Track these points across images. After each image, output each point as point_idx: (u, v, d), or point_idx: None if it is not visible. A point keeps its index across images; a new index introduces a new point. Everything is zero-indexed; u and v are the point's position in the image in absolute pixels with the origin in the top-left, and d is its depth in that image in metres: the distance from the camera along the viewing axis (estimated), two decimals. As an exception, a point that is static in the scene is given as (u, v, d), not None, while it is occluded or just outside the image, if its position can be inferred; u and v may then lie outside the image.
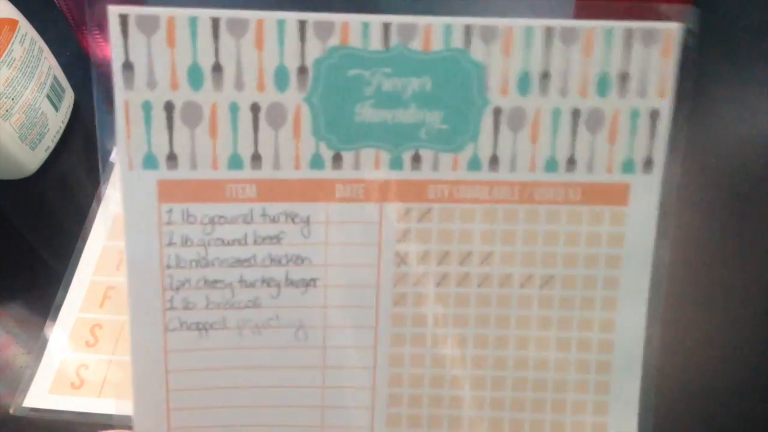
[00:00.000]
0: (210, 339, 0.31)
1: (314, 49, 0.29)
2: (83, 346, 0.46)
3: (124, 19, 0.28)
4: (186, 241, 0.30)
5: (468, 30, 0.29)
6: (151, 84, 0.28)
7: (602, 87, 0.30)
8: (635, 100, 0.30)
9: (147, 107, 0.29)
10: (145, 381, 0.31)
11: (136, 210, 0.30)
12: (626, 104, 0.30)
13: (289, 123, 0.29)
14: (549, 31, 0.29)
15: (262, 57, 0.29)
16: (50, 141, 0.54)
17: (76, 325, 0.47)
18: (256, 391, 0.32)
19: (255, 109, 0.29)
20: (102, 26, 0.28)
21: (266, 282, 0.31)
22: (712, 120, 0.50)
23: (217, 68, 0.29)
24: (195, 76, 0.29)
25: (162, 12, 0.28)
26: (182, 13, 0.28)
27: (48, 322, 0.46)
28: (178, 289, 0.31)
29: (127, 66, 0.28)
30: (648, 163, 0.31)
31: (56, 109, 0.54)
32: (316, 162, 0.30)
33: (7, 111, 0.49)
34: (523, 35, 0.29)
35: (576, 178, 0.31)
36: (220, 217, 0.30)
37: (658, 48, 0.30)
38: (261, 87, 0.29)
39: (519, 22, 0.29)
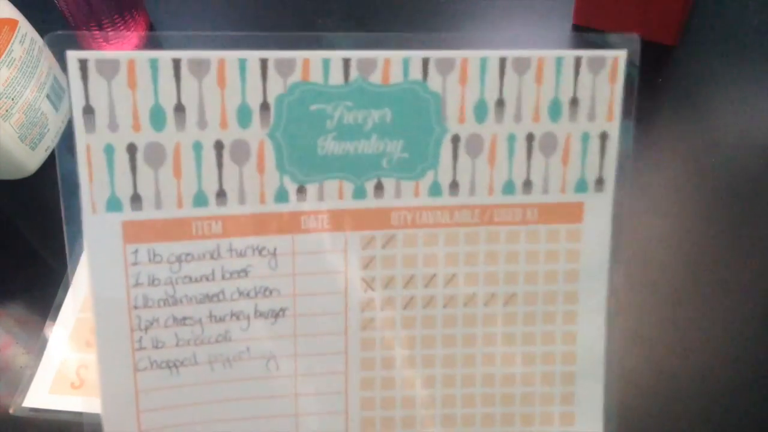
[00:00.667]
0: (181, 376, 0.31)
1: (276, 86, 0.29)
2: (83, 346, 0.45)
3: (83, 64, 0.28)
4: (153, 281, 0.30)
5: (425, 62, 0.30)
6: (113, 127, 0.28)
7: (554, 112, 0.31)
8: (585, 124, 0.32)
9: (109, 150, 0.29)
10: (117, 423, 0.31)
11: (101, 252, 0.30)
12: (577, 128, 0.32)
13: (252, 159, 0.30)
14: (502, 61, 0.30)
15: (225, 95, 0.29)
16: (50, 141, 0.53)
17: (76, 325, 0.46)
18: (230, 424, 0.32)
19: (218, 146, 0.29)
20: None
21: (235, 315, 0.31)
22: (711, 120, 0.50)
23: (179, 108, 0.29)
24: (157, 117, 0.29)
25: (122, 55, 0.28)
26: (143, 56, 0.28)
27: (48, 322, 0.46)
28: (146, 329, 0.30)
29: (88, 110, 0.28)
30: (600, 182, 0.32)
31: (56, 109, 0.53)
32: (281, 195, 0.30)
33: (7, 111, 0.48)
34: (477, 65, 0.30)
35: (533, 199, 0.32)
36: (187, 254, 0.30)
37: (604, 74, 0.31)
38: (224, 125, 0.29)
39: (474, 54, 0.30)
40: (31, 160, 0.52)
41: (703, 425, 0.40)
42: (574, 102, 0.31)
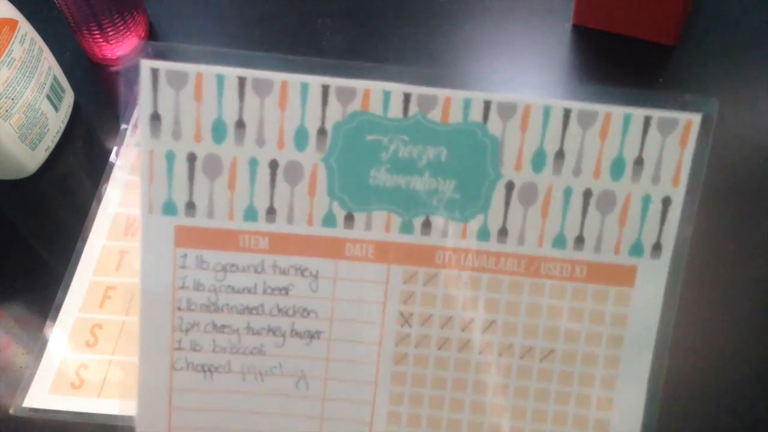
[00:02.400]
0: (214, 381, 0.32)
1: (335, 113, 0.30)
2: (83, 346, 0.46)
3: (155, 73, 0.29)
4: (198, 286, 0.31)
5: (487, 105, 0.30)
6: (176, 135, 0.30)
7: (616, 170, 0.30)
8: (648, 186, 0.31)
9: (170, 157, 0.30)
10: (150, 417, 0.32)
11: (153, 252, 0.31)
12: (639, 189, 0.31)
13: (305, 181, 0.30)
14: (567, 113, 0.30)
15: (284, 117, 0.30)
16: (50, 141, 0.53)
17: (76, 325, 0.46)
18: None
19: (273, 165, 0.30)
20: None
21: (272, 331, 0.32)
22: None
23: (240, 124, 0.30)
24: (218, 131, 0.30)
25: (191, 68, 0.29)
26: (210, 71, 0.29)
27: (48, 322, 0.46)
28: (187, 330, 0.32)
29: (155, 117, 0.29)
30: (657, 248, 0.31)
31: (56, 109, 0.53)
32: (329, 220, 0.31)
33: (7, 111, 0.48)
34: (540, 114, 0.30)
35: (583, 256, 0.31)
36: (232, 265, 0.31)
37: (675, 137, 0.30)
38: (281, 145, 0.30)
39: (537, 101, 0.30)
40: (31, 160, 0.52)
41: (702, 425, 0.39)
42: (639, 162, 0.30)
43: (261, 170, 0.30)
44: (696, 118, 0.30)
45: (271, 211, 0.31)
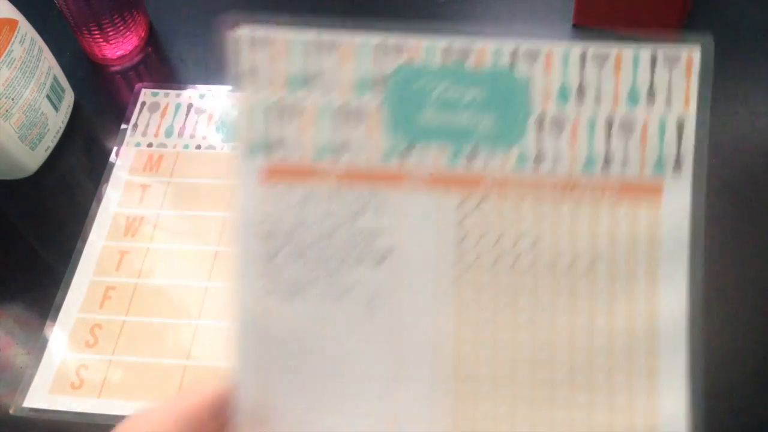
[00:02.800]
0: (296, 304, 0.36)
1: (388, 65, 0.36)
2: (83, 346, 0.46)
3: (245, 37, 0.36)
4: (281, 217, 0.37)
5: (515, 52, 0.36)
6: (262, 88, 0.37)
7: (632, 98, 0.35)
8: (662, 110, 0.35)
9: (256, 106, 0.37)
10: (245, 338, 0.36)
11: (243, 188, 0.37)
12: (655, 113, 0.35)
13: (365, 123, 0.36)
14: (583, 54, 0.36)
15: (346, 70, 0.36)
16: (50, 141, 0.54)
17: (76, 325, 0.47)
18: (338, 357, 0.36)
19: (340, 110, 0.36)
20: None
21: (345, 255, 0.36)
22: (711, 120, 0.52)
23: (312, 77, 0.36)
24: (294, 84, 0.36)
25: (272, 33, 0.36)
26: (289, 35, 0.36)
27: (48, 322, 0.46)
28: (272, 258, 0.36)
29: (245, 73, 0.37)
30: (678, 165, 0.35)
31: (56, 109, 0.54)
32: (389, 154, 0.36)
33: (7, 111, 0.49)
34: (560, 57, 0.36)
35: (612, 176, 0.36)
36: (309, 195, 0.36)
37: (680, 68, 0.35)
38: (345, 93, 0.36)
39: (557, 47, 0.36)
40: (31, 160, 0.52)
41: (702, 426, 0.38)
42: (651, 91, 0.35)
43: (329, 115, 0.36)
44: (696, 51, 0.35)
45: (339, 149, 0.36)
